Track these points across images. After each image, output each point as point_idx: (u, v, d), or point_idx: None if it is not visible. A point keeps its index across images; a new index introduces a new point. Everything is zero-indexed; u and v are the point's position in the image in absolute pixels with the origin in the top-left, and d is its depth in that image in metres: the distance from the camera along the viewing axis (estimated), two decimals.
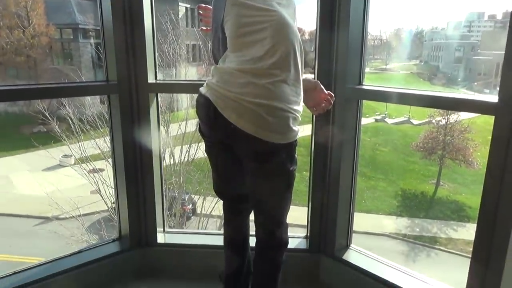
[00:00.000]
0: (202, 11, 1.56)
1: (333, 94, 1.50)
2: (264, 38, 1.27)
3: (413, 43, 16.71)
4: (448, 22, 16.81)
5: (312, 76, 1.84)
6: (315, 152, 1.93)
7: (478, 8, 16.48)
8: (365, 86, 1.82)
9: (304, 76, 1.37)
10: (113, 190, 3.83)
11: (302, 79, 1.34)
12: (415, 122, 13.36)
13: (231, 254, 1.61)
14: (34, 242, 8.62)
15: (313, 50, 1.85)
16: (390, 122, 13.88)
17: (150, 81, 1.90)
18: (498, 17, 14.44)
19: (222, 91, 1.28)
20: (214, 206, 7.97)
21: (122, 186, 1.99)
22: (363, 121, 1.95)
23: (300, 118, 1.32)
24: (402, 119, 13.85)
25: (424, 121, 12.87)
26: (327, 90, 1.50)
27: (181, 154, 8.10)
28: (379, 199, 11.15)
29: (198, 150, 7.84)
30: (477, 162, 10.78)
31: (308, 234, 2.06)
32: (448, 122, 11.38)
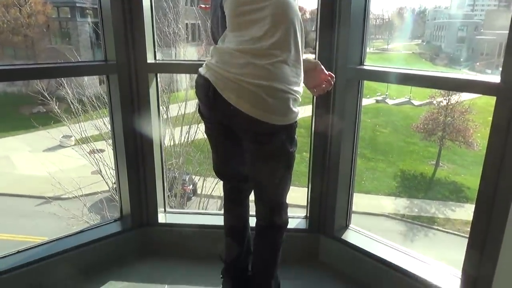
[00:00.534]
0: None
1: (333, 75, 1.48)
2: (264, 17, 1.24)
3: (415, 23, 16.48)
4: (451, 1, 16.55)
5: (312, 56, 1.81)
6: (315, 133, 1.93)
7: None
8: (366, 67, 1.80)
9: (304, 56, 1.35)
10: (113, 171, 3.83)
11: (302, 60, 1.32)
12: (416, 103, 13.30)
13: (232, 242, 1.62)
14: (37, 221, 8.71)
15: (314, 29, 1.82)
16: (391, 103, 13.81)
17: (149, 61, 1.88)
18: None
19: (222, 72, 1.27)
20: (215, 187, 8.02)
21: (122, 167, 2.00)
22: (364, 101, 1.94)
23: (300, 99, 1.31)
24: (403, 100, 13.78)
25: (425, 102, 12.81)
26: (328, 71, 1.48)
27: (181, 135, 8.10)
28: (379, 180, 11.21)
29: (198, 131, 7.84)
30: (477, 143, 10.80)
31: (307, 215, 2.08)
32: (449, 103, 11.33)
